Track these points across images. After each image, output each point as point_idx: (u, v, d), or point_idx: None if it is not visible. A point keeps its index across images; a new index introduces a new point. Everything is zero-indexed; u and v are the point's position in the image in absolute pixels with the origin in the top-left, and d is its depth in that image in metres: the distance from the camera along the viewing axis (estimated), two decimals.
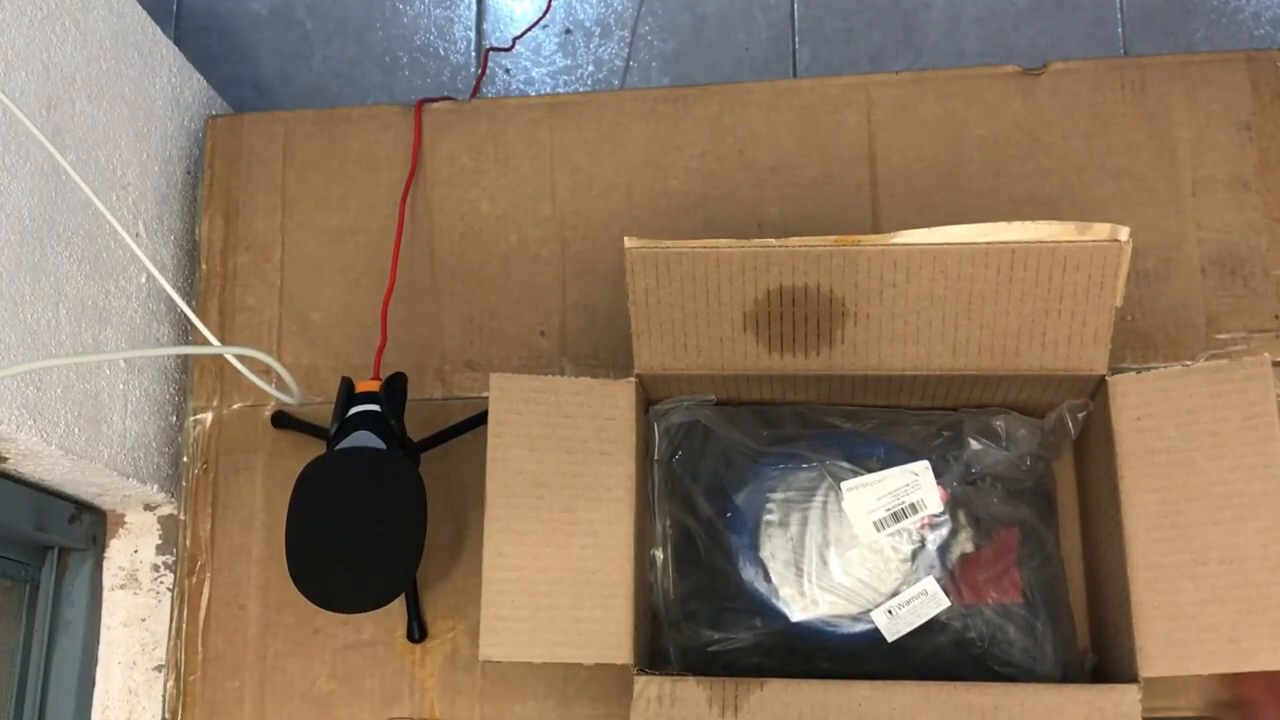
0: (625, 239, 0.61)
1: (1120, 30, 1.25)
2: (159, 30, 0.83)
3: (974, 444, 0.66)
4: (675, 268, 0.61)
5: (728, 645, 0.66)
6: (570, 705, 0.71)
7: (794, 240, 0.60)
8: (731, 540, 0.67)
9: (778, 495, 0.67)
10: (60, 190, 0.71)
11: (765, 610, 0.65)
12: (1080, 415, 0.66)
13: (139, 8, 0.80)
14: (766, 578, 0.66)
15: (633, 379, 0.65)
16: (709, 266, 0.61)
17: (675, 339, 0.64)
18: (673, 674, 0.62)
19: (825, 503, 0.66)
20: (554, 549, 0.63)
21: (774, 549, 0.66)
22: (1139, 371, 0.63)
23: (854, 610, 0.65)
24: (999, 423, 0.67)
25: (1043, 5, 1.26)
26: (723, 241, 0.61)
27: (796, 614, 0.65)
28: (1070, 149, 0.78)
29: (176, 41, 0.89)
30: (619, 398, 0.65)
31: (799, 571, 0.65)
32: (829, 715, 0.60)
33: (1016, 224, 0.59)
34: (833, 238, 0.60)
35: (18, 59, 0.67)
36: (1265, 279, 0.75)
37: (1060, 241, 0.59)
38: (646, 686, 0.61)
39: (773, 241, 0.60)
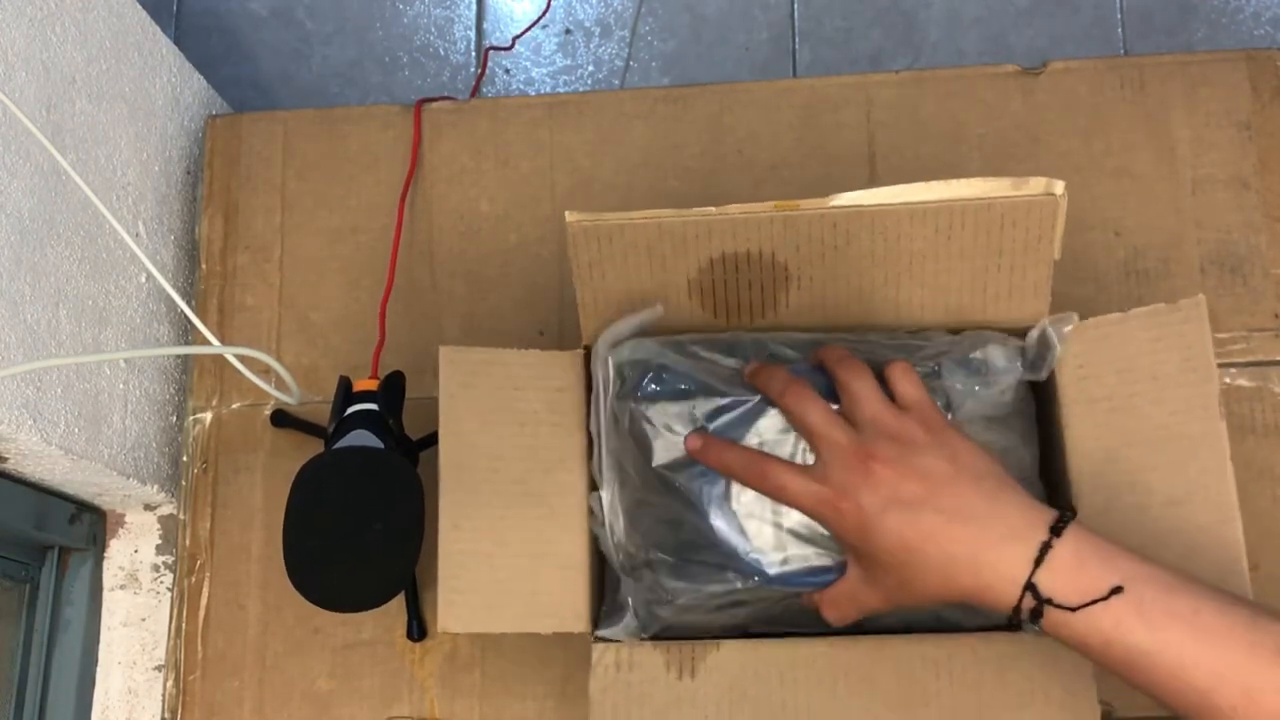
0: (566, 213, 0.61)
1: (1120, 30, 1.25)
2: (159, 30, 0.83)
3: (950, 378, 0.62)
4: (618, 239, 0.61)
5: (695, 598, 0.61)
6: (570, 705, 0.71)
7: (733, 207, 0.60)
8: (698, 487, 0.61)
9: (750, 440, 0.60)
10: (60, 190, 0.71)
11: (738, 562, 0.60)
12: (1065, 329, 0.63)
13: (139, 8, 0.80)
14: (739, 528, 0.60)
15: (580, 350, 0.66)
16: (651, 237, 0.61)
17: (621, 310, 0.64)
18: (633, 628, 0.62)
19: (803, 446, 0.60)
20: (509, 521, 0.63)
21: (746, 497, 0.60)
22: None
23: (829, 562, 0.60)
24: (978, 355, 0.62)
25: (1043, 5, 1.26)
26: (664, 212, 0.60)
27: (774, 567, 0.60)
28: (1069, 148, 0.78)
29: (176, 41, 0.89)
30: (568, 369, 0.65)
31: (774, 522, 0.60)
32: (784, 672, 0.60)
33: (953, 182, 0.59)
34: (772, 203, 0.60)
35: (18, 59, 0.67)
36: (1265, 278, 0.75)
37: (997, 198, 0.59)
38: (604, 653, 0.62)
39: (713, 210, 0.60)
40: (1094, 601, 0.50)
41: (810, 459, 0.58)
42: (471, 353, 0.65)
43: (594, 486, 0.64)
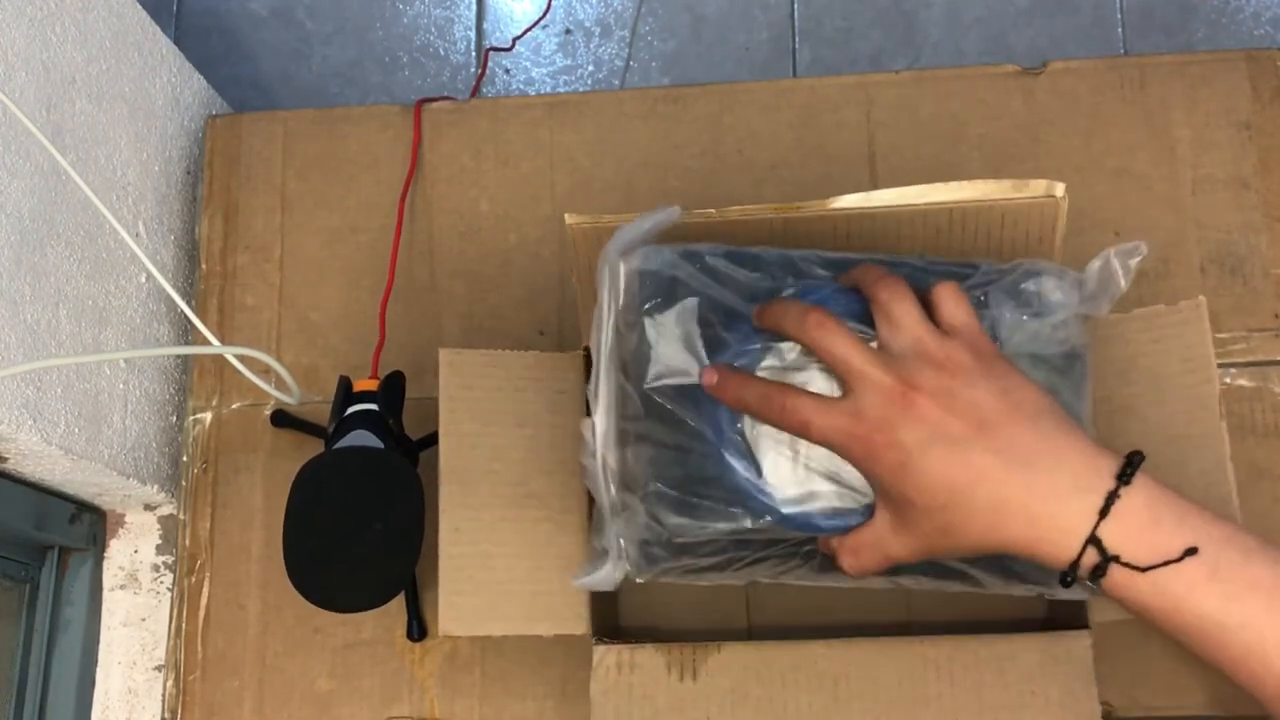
0: (566, 215, 0.60)
1: (1120, 30, 1.25)
2: (159, 30, 0.83)
3: (998, 309, 0.56)
4: None
5: (699, 536, 0.55)
6: (570, 705, 0.71)
7: (733, 210, 0.60)
8: (710, 413, 0.54)
9: (768, 363, 0.54)
10: (60, 190, 0.71)
11: (749, 500, 0.54)
12: (1132, 262, 0.57)
13: (139, 8, 0.80)
14: (753, 462, 0.54)
15: (580, 351, 0.65)
16: (649, 239, 0.60)
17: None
18: (617, 575, 0.58)
19: (827, 373, 0.54)
20: (509, 523, 0.63)
21: (762, 428, 0.54)
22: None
23: (853, 504, 0.54)
24: (1030, 285, 0.57)
25: (1043, 5, 1.26)
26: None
27: (790, 506, 0.54)
28: (1070, 148, 0.78)
29: (176, 41, 0.89)
30: (568, 370, 0.65)
31: (792, 455, 0.54)
32: (785, 673, 0.61)
33: (954, 184, 0.58)
34: (771, 205, 0.60)
35: (18, 59, 0.67)
36: (1265, 278, 0.75)
37: (998, 199, 0.59)
38: (605, 655, 0.62)
39: (712, 212, 0.60)
40: (1166, 563, 0.45)
41: (837, 382, 0.52)
42: (472, 355, 0.65)
43: (587, 412, 0.58)
